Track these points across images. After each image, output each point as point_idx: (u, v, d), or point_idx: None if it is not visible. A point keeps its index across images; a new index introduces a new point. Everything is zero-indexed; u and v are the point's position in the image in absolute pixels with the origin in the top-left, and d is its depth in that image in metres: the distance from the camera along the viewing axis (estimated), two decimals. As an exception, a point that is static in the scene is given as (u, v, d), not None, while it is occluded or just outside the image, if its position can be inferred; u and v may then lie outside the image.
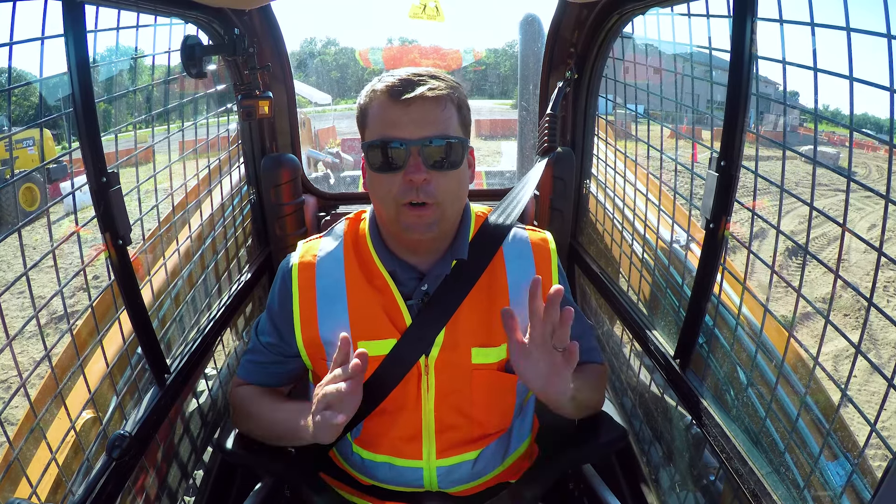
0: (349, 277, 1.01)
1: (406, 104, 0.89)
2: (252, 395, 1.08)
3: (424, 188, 0.90)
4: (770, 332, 1.11)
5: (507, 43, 41.20)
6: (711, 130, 1.31)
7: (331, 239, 1.07)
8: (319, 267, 1.03)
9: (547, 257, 1.06)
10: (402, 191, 0.90)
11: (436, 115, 0.90)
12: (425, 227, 0.92)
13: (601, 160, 1.82)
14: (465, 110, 0.95)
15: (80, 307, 1.30)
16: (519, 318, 1.00)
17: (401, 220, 0.93)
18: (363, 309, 1.00)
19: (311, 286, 1.02)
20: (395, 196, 0.91)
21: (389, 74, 0.92)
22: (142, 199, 1.21)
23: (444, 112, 0.91)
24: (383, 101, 0.91)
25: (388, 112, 0.90)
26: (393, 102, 0.89)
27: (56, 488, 0.96)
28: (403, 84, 0.89)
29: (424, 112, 0.89)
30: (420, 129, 0.89)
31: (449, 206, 0.94)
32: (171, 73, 1.36)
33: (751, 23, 0.93)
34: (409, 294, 1.00)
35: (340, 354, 0.87)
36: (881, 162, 15.87)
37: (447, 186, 0.92)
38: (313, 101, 10.73)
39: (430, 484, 1.05)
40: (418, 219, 0.92)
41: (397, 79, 0.90)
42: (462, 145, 0.93)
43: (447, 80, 0.93)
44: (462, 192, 0.97)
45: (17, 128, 1.15)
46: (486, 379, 1.01)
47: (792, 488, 0.91)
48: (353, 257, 1.03)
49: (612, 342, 1.79)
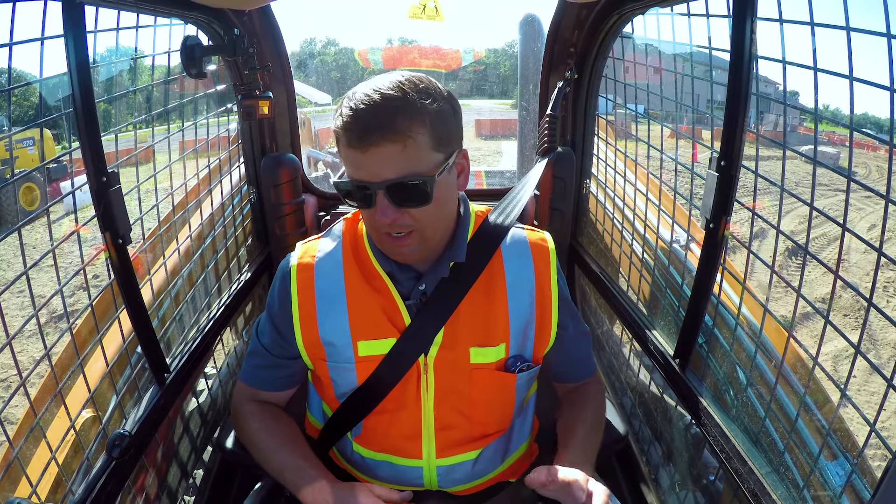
0: (348, 278, 1.01)
1: (363, 150, 0.84)
2: (256, 424, 1.05)
3: (399, 222, 0.88)
4: (770, 332, 1.11)
5: (507, 43, 41.19)
6: (711, 130, 1.31)
7: (329, 240, 1.07)
8: (318, 268, 1.03)
9: (546, 257, 1.06)
10: (378, 225, 0.90)
11: (395, 155, 0.84)
12: (409, 251, 0.93)
13: (601, 160, 1.82)
14: (440, 124, 0.86)
15: (79, 306, 1.29)
16: (514, 318, 1.01)
17: (384, 245, 0.94)
18: (362, 309, 1.00)
19: (310, 286, 1.02)
20: (376, 227, 0.91)
21: (351, 102, 0.84)
22: (142, 198, 1.21)
23: (405, 150, 0.84)
24: (343, 141, 0.86)
25: (349, 154, 0.86)
26: (351, 147, 0.85)
27: (56, 487, 0.96)
28: (360, 125, 0.83)
29: (383, 155, 0.83)
30: (381, 172, 0.85)
31: (429, 230, 0.93)
32: (171, 73, 1.36)
33: (751, 22, 0.93)
34: (408, 294, 1.00)
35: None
36: (881, 162, 15.86)
37: (423, 217, 0.90)
38: (313, 101, 10.72)
39: (430, 483, 1.05)
40: (399, 247, 0.92)
41: (354, 118, 0.82)
42: (429, 183, 0.87)
43: (414, 100, 0.83)
44: (443, 215, 0.94)
45: (18, 128, 1.15)
46: (485, 379, 1.01)
47: (791, 488, 0.91)
48: (352, 258, 1.03)
49: (612, 342, 1.79)
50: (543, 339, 1.05)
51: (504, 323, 1.01)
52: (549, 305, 1.04)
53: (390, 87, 0.84)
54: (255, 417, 1.06)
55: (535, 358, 1.06)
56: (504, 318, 1.01)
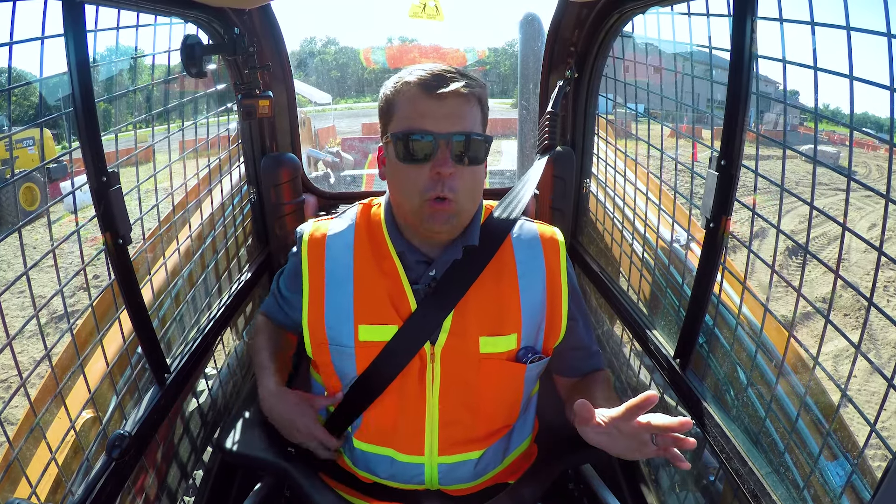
0: (358, 260, 1.02)
1: (438, 98, 0.91)
2: (259, 328, 1.23)
3: (449, 182, 0.92)
4: (770, 332, 1.11)
5: (507, 42, 41.22)
6: (711, 129, 1.31)
7: (342, 221, 1.08)
8: (329, 247, 1.05)
9: (556, 249, 1.08)
10: (427, 184, 0.92)
11: (465, 111, 0.92)
12: (445, 219, 0.94)
13: (601, 159, 1.81)
14: (486, 109, 0.99)
15: (80, 307, 1.30)
16: (526, 308, 1.02)
17: (423, 212, 0.95)
18: (368, 292, 1.00)
19: (320, 264, 1.04)
20: (420, 189, 0.93)
21: (420, 68, 0.94)
22: (142, 198, 1.21)
23: (471, 109, 0.94)
24: (415, 94, 0.92)
25: (419, 105, 0.92)
26: (425, 96, 0.91)
27: (56, 488, 0.96)
28: (437, 79, 0.91)
29: (455, 107, 0.92)
30: (450, 124, 0.91)
31: (467, 203, 0.96)
32: (171, 72, 1.36)
33: (751, 22, 0.93)
34: (417, 279, 1.01)
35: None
36: (881, 161, 15.85)
37: (468, 183, 0.94)
38: (313, 100, 10.71)
39: (431, 482, 1.04)
40: (439, 212, 0.94)
41: (429, 73, 0.92)
42: (488, 142, 0.95)
43: (475, 79, 0.95)
44: (479, 189, 1.00)
45: (18, 127, 1.15)
46: (495, 369, 1.01)
47: (792, 488, 0.91)
48: (365, 240, 1.04)
49: (612, 342, 1.78)
50: (554, 329, 1.06)
51: (516, 312, 1.01)
52: (559, 296, 1.05)
53: (448, 66, 0.95)
54: (260, 324, 1.23)
55: (546, 349, 1.06)
56: (515, 308, 1.01)
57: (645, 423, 0.79)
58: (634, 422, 0.80)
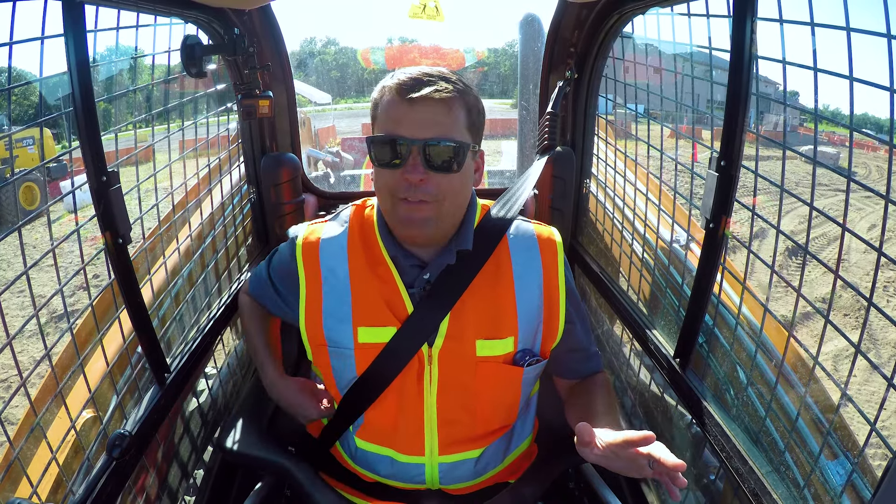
0: (352, 263, 1.02)
1: (411, 103, 0.89)
2: (250, 311, 1.24)
3: (421, 187, 0.91)
4: (770, 332, 1.11)
5: (507, 43, 41.21)
6: (711, 130, 1.31)
7: (336, 224, 1.08)
8: (323, 251, 1.04)
9: (553, 251, 1.06)
10: (399, 187, 0.91)
11: (440, 117, 0.90)
12: (420, 222, 0.93)
13: (601, 160, 1.82)
14: (475, 113, 0.96)
15: (80, 306, 1.29)
16: (522, 311, 1.01)
17: (397, 213, 0.94)
18: (365, 296, 1.00)
19: (315, 269, 1.04)
20: (391, 190, 0.92)
21: (403, 72, 0.93)
22: (142, 198, 1.21)
23: (449, 115, 0.91)
24: (392, 98, 0.92)
25: (395, 109, 0.91)
26: (400, 100, 0.90)
27: (56, 488, 0.96)
28: (412, 83, 0.90)
29: (429, 113, 0.90)
30: (422, 130, 0.90)
31: (447, 205, 0.94)
32: (171, 72, 1.36)
33: (751, 23, 0.93)
34: (411, 283, 1.01)
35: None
36: (881, 162, 15.86)
37: (446, 187, 0.92)
38: (313, 100, 10.72)
39: (432, 481, 1.05)
40: (413, 213, 0.93)
41: (408, 77, 0.91)
42: (464, 149, 0.92)
43: (458, 83, 0.93)
44: (463, 192, 0.98)
45: (18, 127, 1.14)
46: (492, 372, 1.01)
47: (792, 487, 0.91)
48: (358, 243, 1.04)
49: (612, 342, 1.79)
50: (551, 332, 1.05)
51: (512, 315, 1.01)
52: (556, 299, 1.05)
53: (436, 69, 0.94)
54: (247, 305, 1.25)
55: (543, 352, 1.06)
56: (512, 311, 1.01)
57: (645, 453, 0.79)
58: (634, 450, 0.80)
